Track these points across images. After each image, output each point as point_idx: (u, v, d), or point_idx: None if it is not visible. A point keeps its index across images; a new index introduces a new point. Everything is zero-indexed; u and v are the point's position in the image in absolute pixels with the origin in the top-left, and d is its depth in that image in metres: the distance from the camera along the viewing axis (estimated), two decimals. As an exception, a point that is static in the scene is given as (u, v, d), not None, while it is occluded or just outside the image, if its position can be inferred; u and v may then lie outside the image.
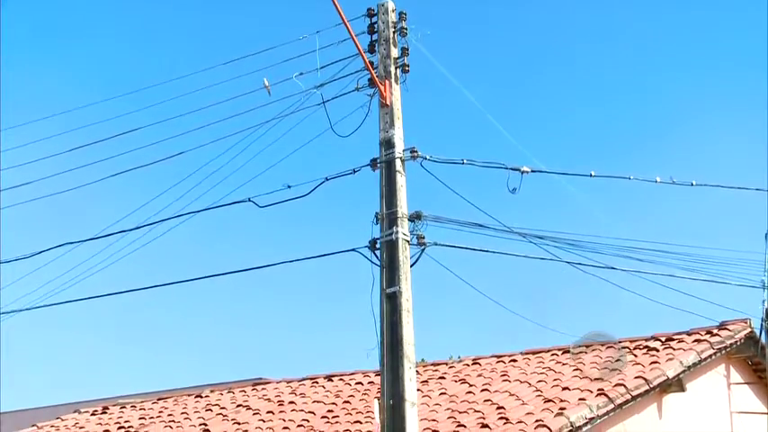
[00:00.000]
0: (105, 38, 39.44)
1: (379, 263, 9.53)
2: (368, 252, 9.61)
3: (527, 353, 15.20)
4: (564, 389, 12.26)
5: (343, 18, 9.76)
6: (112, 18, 38.04)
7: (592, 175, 10.76)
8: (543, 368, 13.92)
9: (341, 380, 16.47)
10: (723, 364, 15.07)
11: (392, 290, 9.33)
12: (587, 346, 13.11)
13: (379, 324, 9.37)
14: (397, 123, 9.81)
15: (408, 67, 10.00)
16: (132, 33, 38.11)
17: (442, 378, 14.71)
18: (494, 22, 38.04)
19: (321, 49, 10.16)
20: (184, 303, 41.14)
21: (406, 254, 9.47)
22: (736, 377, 15.37)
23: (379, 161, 9.78)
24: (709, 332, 14.12)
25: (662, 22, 35.64)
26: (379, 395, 9.50)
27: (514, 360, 14.98)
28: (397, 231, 9.42)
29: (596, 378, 12.40)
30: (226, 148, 11.23)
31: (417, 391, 9.89)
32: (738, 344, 14.54)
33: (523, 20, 37.54)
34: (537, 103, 38.23)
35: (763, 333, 14.58)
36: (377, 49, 10.09)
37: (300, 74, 10.31)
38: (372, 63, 9.98)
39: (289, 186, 10.09)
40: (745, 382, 15.53)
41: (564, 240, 10.70)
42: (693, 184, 11.52)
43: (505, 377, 13.78)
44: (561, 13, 36.13)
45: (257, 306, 39.82)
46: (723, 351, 14.18)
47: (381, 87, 9.84)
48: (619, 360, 12.61)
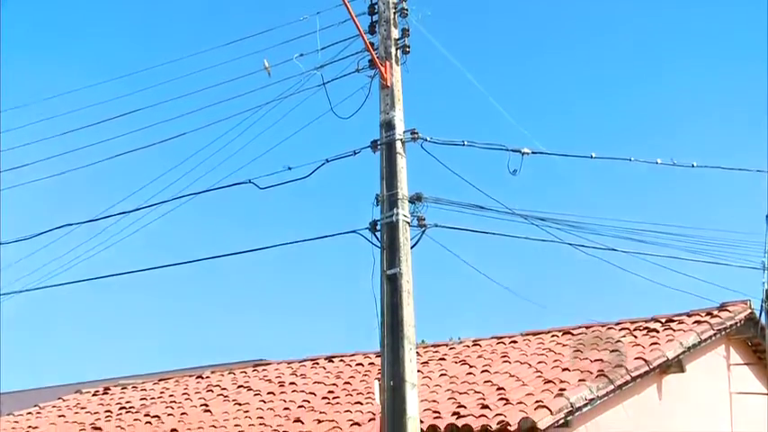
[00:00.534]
0: (105, 20, 39.29)
1: (379, 244, 9.53)
2: (368, 234, 9.61)
3: (527, 334, 15.24)
4: (564, 370, 12.28)
5: (343, -2, 9.71)
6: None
7: (592, 157, 10.74)
8: (543, 349, 13.95)
9: (341, 361, 16.51)
10: (723, 345, 15.11)
11: (393, 271, 9.33)
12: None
13: (379, 305, 9.38)
14: (398, 105, 9.77)
15: (409, 48, 9.94)
16: (132, 15, 37.96)
17: (443, 359, 14.74)
18: (494, 3, 37.84)
19: (321, 30, 10.11)
20: (185, 285, 41.18)
21: (406, 235, 9.47)
22: (735, 358, 15.41)
23: (379, 143, 9.74)
24: (709, 313, 14.15)
25: (663, 12, 35.46)
26: (379, 376, 9.51)
27: (515, 341, 15.01)
28: (397, 213, 9.41)
29: (596, 359, 12.43)
30: (226, 130, 11.22)
31: (418, 372, 9.89)
32: (738, 325, 14.57)
33: (524, 3, 37.33)
34: (537, 90, 38.08)
35: (763, 314, 14.60)
36: (377, 29, 10.03)
37: (301, 55, 10.26)
38: (373, 44, 9.92)
39: (289, 168, 10.08)
40: (745, 363, 15.57)
41: (565, 222, 10.70)
42: (694, 165, 11.51)
43: (506, 358, 13.81)
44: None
45: (258, 287, 39.90)
46: (723, 332, 14.22)
47: (382, 68, 9.79)
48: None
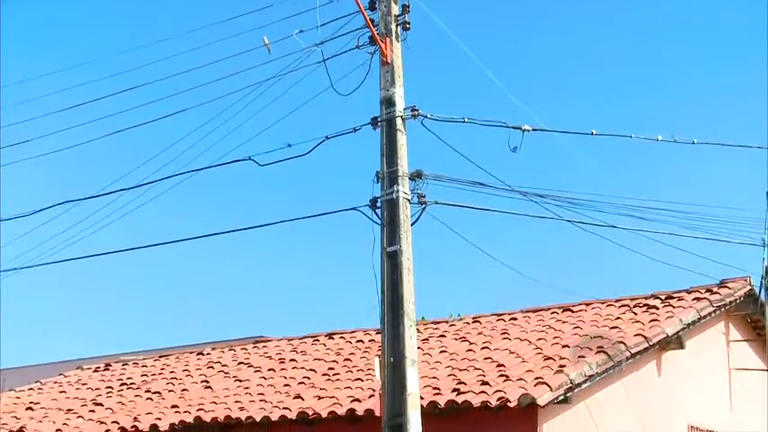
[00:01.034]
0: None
1: (379, 221, 9.52)
2: (368, 211, 9.60)
3: (527, 311, 15.27)
4: (564, 346, 12.31)
5: (343, -26, 9.67)
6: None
7: (593, 134, 10.73)
8: (543, 326, 13.98)
9: (342, 338, 16.55)
10: (722, 322, 15.16)
11: (393, 248, 9.33)
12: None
13: (379, 282, 9.38)
14: (398, 82, 9.73)
15: (409, 24, 9.88)
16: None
17: (443, 336, 14.78)
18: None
19: (321, 6, 10.03)
20: (185, 261, 41.18)
21: (406, 212, 9.46)
22: (735, 334, 15.46)
23: (379, 120, 9.72)
24: (708, 290, 14.18)
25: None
26: (379, 353, 9.53)
27: (514, 318, 15.05)
28: (397, 190, 9.40)
29: (596, 336, 12.45)
30: (226, 107, 11.19)
31: (418, 349, 9.92)
32: (738, 301, 14.60)
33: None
34: (537, 69, 37.87)
35: (762, 291, 14.64)
36: (377, 6, 9.97)
37: (300, 31, 10.20)
38: (373, 20, 9.87)
39: (289, 145, 10.05)
40: (744, 340, 15.63)
41: (565, 199, 10.70)
42: (695, 142, 11.49)
43: (506, 335, 13.85)
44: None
45: (258, 264, 39.90)
46: (723, 309, 14.25)
47: (382, 45, 9.75)
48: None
